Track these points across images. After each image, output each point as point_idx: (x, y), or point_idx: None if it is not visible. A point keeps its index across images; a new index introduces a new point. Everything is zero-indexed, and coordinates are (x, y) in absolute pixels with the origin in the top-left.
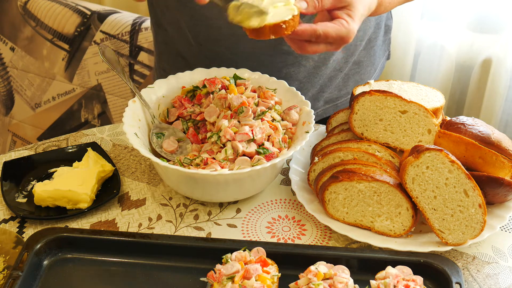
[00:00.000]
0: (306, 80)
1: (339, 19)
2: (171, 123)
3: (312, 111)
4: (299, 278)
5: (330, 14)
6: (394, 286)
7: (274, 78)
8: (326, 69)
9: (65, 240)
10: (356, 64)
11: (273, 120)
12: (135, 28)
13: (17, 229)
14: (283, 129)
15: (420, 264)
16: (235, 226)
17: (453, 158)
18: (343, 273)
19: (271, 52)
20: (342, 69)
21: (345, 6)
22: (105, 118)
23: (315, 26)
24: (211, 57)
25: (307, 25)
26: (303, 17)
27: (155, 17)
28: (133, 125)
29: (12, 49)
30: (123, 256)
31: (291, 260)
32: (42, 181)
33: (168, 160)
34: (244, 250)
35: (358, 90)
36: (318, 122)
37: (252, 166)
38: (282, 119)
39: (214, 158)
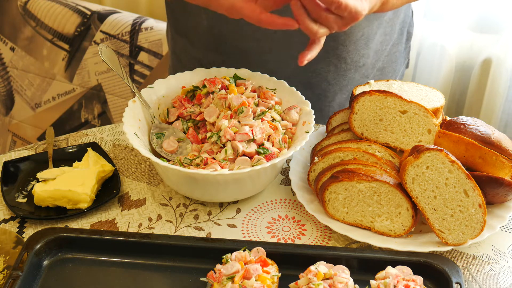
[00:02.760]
0: (334, 82)
1: None
2: (171, 123)
3: (312, 111)
4: (299, 278)
5: None
6: (394, 286)
7: (274, 78)
8: (355, 73)
9: (65, 240)
10: (380, 70)
11: (273, 120)
12: (135, 28)
13: (17, 229)
14: (283, 129)
15: (420, 264)
16: (235, 226)
17: (453, 158)
18: (343, 273)
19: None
20: (368, 76)
21: None
22: (105, 118)
23: None
24: (233, 54)
25: None
26: None
27: (175, 23)
28: (133, 125)
29: (12, 49)
30: (123, 256)
31: (291, 260)
32: (42, 181)
33: (168, 160)
34: (244, 250)
35: (358, 90)
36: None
37: (252, 166)
38: (282, 119)
39: (214, 158)
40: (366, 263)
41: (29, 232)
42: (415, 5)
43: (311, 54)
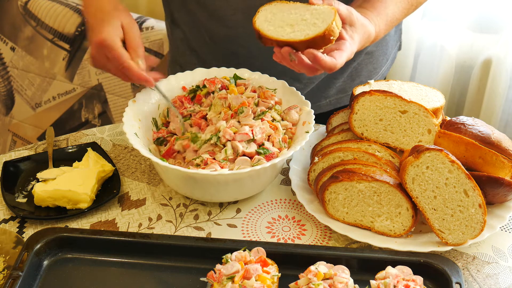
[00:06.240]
0: None
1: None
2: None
3: (312, 111)
4: (299, 278)
5: None
6: (394, 286)
7: (274, 78)
8: None
9: (65, 240)
10: (369, 54)
11: (273, 120)
12: None
13: (17, 229)
14: (283, 129)
15: (420, 264)
16: (235, 226)
17: (453, 158)
18: (343, 273)
19: None
20: (355, 59)
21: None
22: (105, 118)
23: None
24: (226, 54)
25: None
26: None
27: (170, 15)
28: (133, 125)
29: (13, 49)
30: (123, 256)
31: (291, 260)
32: (42, 181)
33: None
34: (244, 250)
35: (358, 90)
36: (330, 111)
37: (252, 166)
38: (282, 119)
39: (214, 158)
40: (366, 263)
41: (29, 232)
42: None
43: None
